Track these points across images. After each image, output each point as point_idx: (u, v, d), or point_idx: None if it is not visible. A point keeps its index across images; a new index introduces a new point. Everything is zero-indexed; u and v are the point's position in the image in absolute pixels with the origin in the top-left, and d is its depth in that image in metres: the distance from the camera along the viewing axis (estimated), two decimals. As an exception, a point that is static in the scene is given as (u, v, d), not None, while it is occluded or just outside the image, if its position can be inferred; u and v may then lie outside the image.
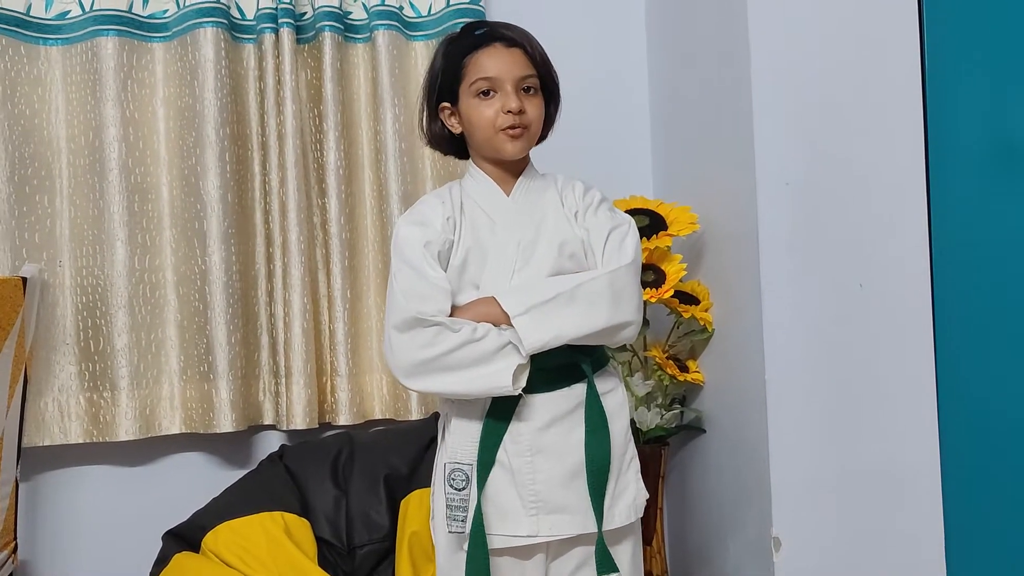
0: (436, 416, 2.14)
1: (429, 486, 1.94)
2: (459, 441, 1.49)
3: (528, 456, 1.46)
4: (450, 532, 1.47)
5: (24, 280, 2.00)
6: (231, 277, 2.17)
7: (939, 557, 1.89)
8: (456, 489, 1.46)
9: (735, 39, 1.93)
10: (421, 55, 2.32)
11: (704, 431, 2.14)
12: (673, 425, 2.14)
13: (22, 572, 2.15)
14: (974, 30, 1.91)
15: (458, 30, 1.58)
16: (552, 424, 1.46)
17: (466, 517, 1.44)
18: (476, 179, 1.56)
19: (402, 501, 1.99)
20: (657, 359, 2.09)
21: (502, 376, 1.41)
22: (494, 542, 1.44)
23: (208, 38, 2.16)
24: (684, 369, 2.12)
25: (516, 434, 1.46)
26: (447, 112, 1.55)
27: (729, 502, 2.04)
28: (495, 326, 1.44)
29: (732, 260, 2.01)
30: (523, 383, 1.43)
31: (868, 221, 1.89)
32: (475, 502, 1.44)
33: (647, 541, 2.17)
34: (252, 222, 2.24)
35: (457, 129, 1.55)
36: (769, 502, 1.85)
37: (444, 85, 1.53)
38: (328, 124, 2.24)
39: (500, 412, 1.46)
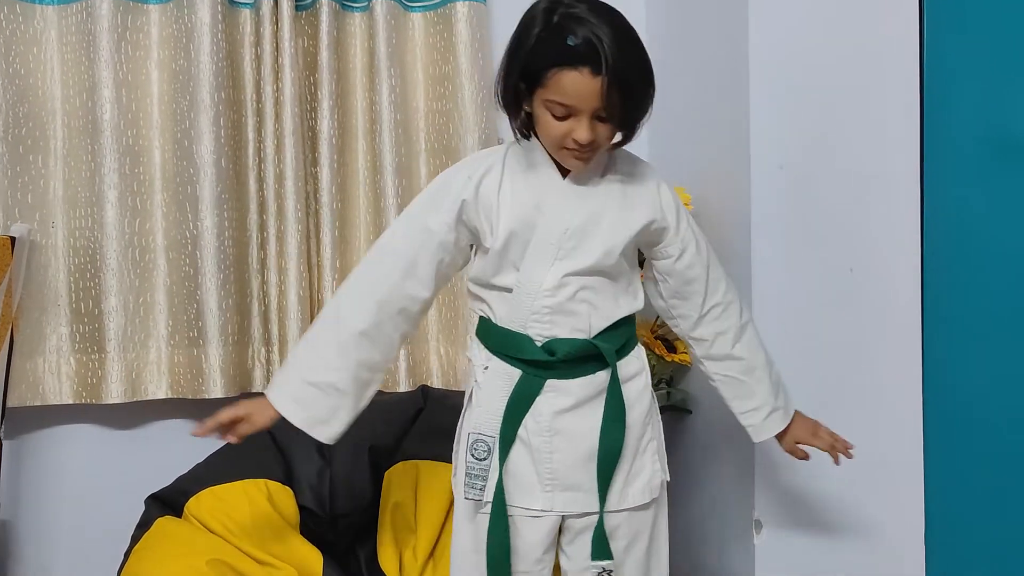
0: (422, 389, 2.15)
1: (414, 458, 1.97)
2: (483, 413, 1.50)
3: (547, 436, 1.49)
4: (467, 499, 1.51)
5: (12, 240, 1.99)
6: (223, 243, 2.15)
7: (919, 543, 1.90)
8: (477, 459, 1.49)
9: (733, 21, 1.92)
10: (419, 26, 2.30)
11: (690, 412, 2.14)
12: (659, 405, 2.14)
13: (3, 532, 2.16)
14: (973, 19, 1.90)
15: (557, 15, 1.33)
16: (573, 408, 1.49)
17: (484, 486, 1.49)
18: (532, 152, 1.47)
19: (386, 472, 1.99)
20: (645, 339, 2.09)
21: None
22: (510, 512, 1.49)
23: (205, 2, 2.13)
24: (672, 350, 2.12)
25: (537, 414, 1.49)
26: (521, 88, 1.40)
27: (712, 484, 2.04)
28: None
29: (724, 241, 1.99)
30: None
31: (861, 206, 1.89)
32: (497, 473, 1.48)
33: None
34: (246, 188, 2.22)
35: (526, 108, 1.43)
36: (752, 484, 1.86)
37: (524, 73, 1.37)
38: (323, 93, 2.22)
39: (525, 392, 1.48)
